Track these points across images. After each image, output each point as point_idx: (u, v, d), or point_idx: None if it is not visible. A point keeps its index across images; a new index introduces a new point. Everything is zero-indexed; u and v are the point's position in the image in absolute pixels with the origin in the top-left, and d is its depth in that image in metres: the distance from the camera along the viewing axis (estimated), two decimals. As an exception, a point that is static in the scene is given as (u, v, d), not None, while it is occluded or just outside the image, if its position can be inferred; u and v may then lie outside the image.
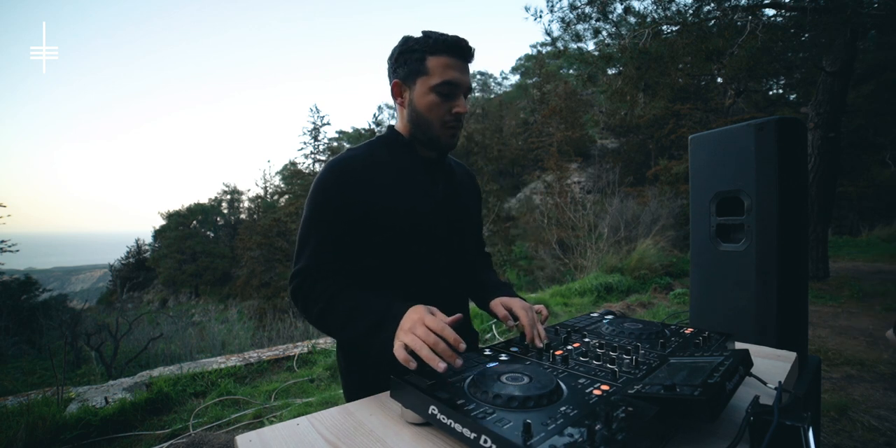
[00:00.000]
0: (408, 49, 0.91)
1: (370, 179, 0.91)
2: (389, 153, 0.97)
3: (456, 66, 0.90)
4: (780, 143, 1.33)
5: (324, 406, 2.73)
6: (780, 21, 6.19)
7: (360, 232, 0.91)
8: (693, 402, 0.49)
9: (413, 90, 0.93)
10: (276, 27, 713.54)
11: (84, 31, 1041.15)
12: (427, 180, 0.99)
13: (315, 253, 0.89)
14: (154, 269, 27.74)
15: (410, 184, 0.96)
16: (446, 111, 0.92)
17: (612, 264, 6.97)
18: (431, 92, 0.90)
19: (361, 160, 0.93)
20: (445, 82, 0.89)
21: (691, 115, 14.46)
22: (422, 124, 0.94)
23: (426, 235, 0.96)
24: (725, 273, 1.47)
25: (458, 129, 0.96)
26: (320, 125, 29.35)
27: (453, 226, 1.02)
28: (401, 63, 0.93)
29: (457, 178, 1.09)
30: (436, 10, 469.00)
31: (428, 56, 0.89)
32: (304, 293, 0.88)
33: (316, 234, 0.90)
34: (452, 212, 1.02)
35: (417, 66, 0.90)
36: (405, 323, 0.74)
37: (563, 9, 6.73)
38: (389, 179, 0.93)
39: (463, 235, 1.06)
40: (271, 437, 0.60)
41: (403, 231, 0.93)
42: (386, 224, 0.91)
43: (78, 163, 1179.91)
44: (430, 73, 0.89)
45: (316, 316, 0.87)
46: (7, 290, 13.70)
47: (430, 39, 0.90)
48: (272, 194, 32.07)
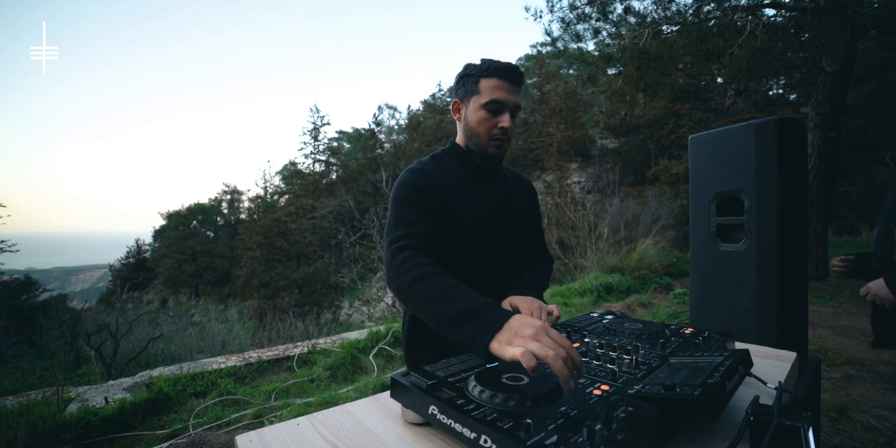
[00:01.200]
0: (466, 74, 1.08)
1: (437, 186, 1.05)
2: (451, 163, 1.13)
3: (504, 88, 1.03)
4: (780, 143, 1.33)
5: (324, 406, 2.73)
6: (780, 21, 6.18)
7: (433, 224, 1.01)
8: (693, 402, 0.49)
9: (468, 108, 1.08)
10: (276, 27, 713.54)
11: (84, 31, 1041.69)
12: (482, 187, 1.12)
13: (413, 224, 0.98)
14: (154, 269, 27.73)
15: (467, 190, 1.09)
16: (493, 125, 1.05)
17: (612, 264, 6.97)
18: (481, 109, 1.04)
19: (431, 169, 1.08)
20: (493, 101, 1.03)
21: (691, 115, 14.45)
22: (473, 137, 1.08)
23: (480, 238, 1.07)
24: (725, 273, 1.47)
25: (503, 142, 1.08)
26: (320, 125, 29.36)
27: (505, 229, 1.13)
28: (460, 85, 1.10)
29: (510, 184, 1.21)
30: (436, 10, 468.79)
31: (481, 79, 1.04)
32: (407, 256, 0.90)
33: (405, 210, 1.00)
34: (504, 216, 1.13)
35: (472, 88, 1.06)
36: (523, 328, 0.68)
37: (563, 9, 6.73)
38: (451, 186, 1.07)
39: (515, 238, 1.16)
40: (271, 437, 0.60)
41: (459, 232, 1.04)
42: (446, 225, 1.03)
43: (78, 163, 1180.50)
44: (481, 92, 1.04)
45: (409, 281, 0.87)
46: (7, 290, 13.70)
47: (484, 65, 1.05)
48: (272, 194, 32.08)
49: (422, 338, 1.10)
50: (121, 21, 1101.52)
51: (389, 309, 8.83)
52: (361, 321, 9.72)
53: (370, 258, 12.60)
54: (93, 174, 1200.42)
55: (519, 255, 1.18)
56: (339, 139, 34.97)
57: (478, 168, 1.13)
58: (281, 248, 19.93)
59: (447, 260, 1.00)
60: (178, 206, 29.77)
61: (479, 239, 1.07)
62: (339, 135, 35.57)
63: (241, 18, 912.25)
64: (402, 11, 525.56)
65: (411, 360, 1.14)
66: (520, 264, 1.18)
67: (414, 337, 1.12)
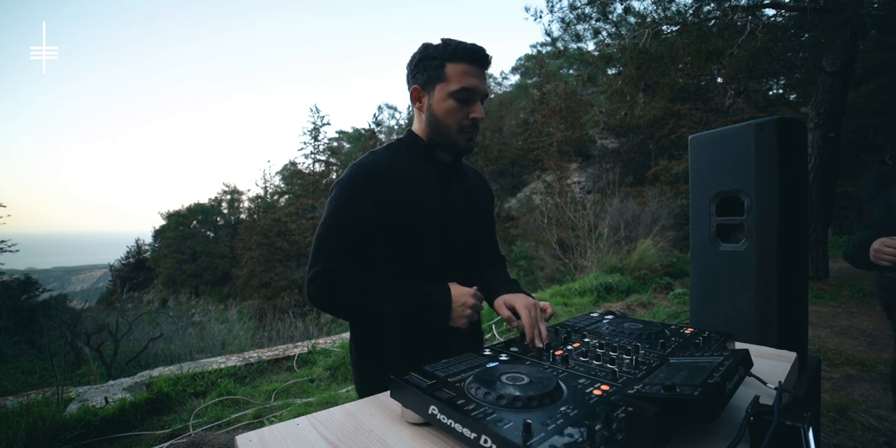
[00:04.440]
0: (427, 56, 0.95)
1: (390, 182, 0.94)
2: (409, 156, 1.01)
3: (474, 73, 0.94)
4: (780, 143, 1.33)
5: (324, 406, 2.73)
6: (780, 21, 6.19)
7: (378, 232, 0.94)
8: (693, 402, 0.49)
9: (432, 96, 0.96)
10: (276, 27, 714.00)
11: (84, 31, 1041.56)
12: (443, 183, 1.03)
13: (334, 254, 0.92)
14: (154, 269, 27.74)
15: (426, 186, 0.99)
16: (464, 116, 0.95)
17: (612, 264, 6.97)
18: (450, 98, 0.93)
19: (384, 164, 0.97)
20: (463, 89, 0.92)
21: (691, 115, 14.45)
22: (440, 129, 0.97)
23: (439, 236, 0.99)
24: (725, 273, 1.47)
25: (474, 134, 1.00)
26: (320, 125, 29.36)
27: (465, 227, 1.05)
28: (420, 69, 0.96)
29: (469, 180, 1.13)
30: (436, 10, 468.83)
31: (447, 63, 0.93)
32: (329, 289, 0.91)
33: (336, 234, 0.93)
34: (465, 213, 1.06)
35: (437, 73, 0.94)
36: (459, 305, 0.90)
37: (563, 9, 6.73)
38: (408, 181, 0.97)
39: (475, 236, 1.10)
40: (271, 437, 0.60)
41: (417, 231, 0.96)
42: (401, 224, 0.95)
43: (78, 163, 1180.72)
44: (448, 79, 0.93)
45: (347, 303, 0.91)
46: (7, 290, 13.68)
47: (450, 47, 0.93)
48: (272, 194, 32.08)
49: (370, 358, 1.03)
50: (121, 21, 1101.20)
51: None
52: (361, 321, 9.69)
53: (370, 258, 12.50)
54: (93, 174, 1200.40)
55: (475, 252, 1.11)
56: (339, 139, 34.97)
57: (439, 162, 1.03)
58: (281, 248, 19.94)
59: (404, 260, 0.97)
60: (178, 206, 29.80)
61: (439, 236, 0.99)
62: (339, 135, 35.58)
63: (241, 18, 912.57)
64: (403, 11, 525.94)
65: (362, 383, 1.04)
66: (476, 261, 1.12)
67: (364, 359, 1.04)
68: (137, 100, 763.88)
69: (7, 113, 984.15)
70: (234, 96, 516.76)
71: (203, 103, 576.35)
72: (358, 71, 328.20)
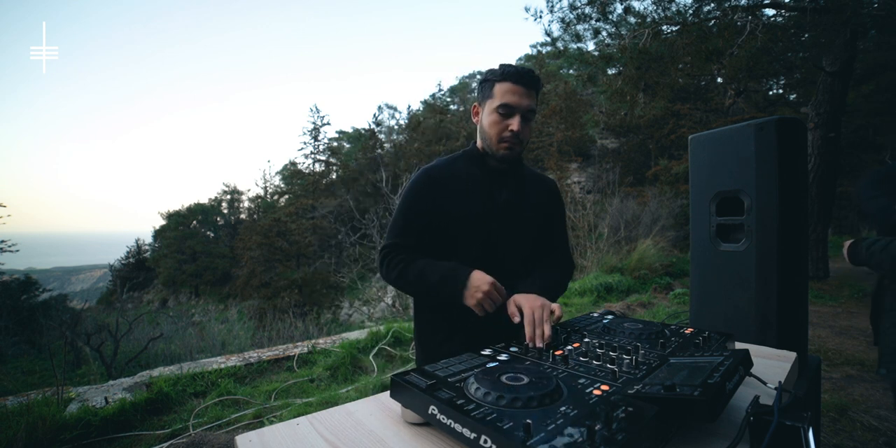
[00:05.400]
0: (485, 79, 1.12)
1: (447, 185, 1.12)
2: (466, 163, 1.18)
3: (516, 92, 1.07)
4: (780, 143, 1.33)
5: (324, 406, 2.73)
6: (780, 21, 6.19)
7: (432, 224, 1.11)
8: (693, 402, 0.49)
9: (483, 111, 1.14)
10: (277, 27, 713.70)
11: (84, 31, 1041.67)
12: (491, 187, 1.15)
13: (401, 233, 1.12)
14: (154, 269, 27.71)
15: (474, 190, 1.13)
16: (503, 128, 1.09)
17: (612, 264, 6.97)
18: (494, 112, 1.09)
19: (445, 169, 1.16)
20: (504, 104, 1.07)
21: (691, 115, 14.45)
22: (486, 139, 1.13)
23: (479, 234, 1.12)
24: (725, 273, 1.47)
25: (513, 144, 1.11)
26: (320, 125, 29.33)
27: (509, 228, 1.15)
28: (479, 90, 1.15)
29: (527, 186, 1.23)
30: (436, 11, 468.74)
31: (496, 83, 1.09)
32: (390, 259, 1.09)
33: (404, 220, 1.12)
34: (511, 217, 1.16)
35: (488, 92, 1.11)
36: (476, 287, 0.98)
37: (563, 9, 6.73)
38: (460, 185, 1.13)
39: (519, 237, 1.18)
40: (271, 437, 0.60)
41: (460, 228, 1.10)
42: (448, 221, 1.10)
43: (78, 163, 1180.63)
44: (494, 96, 1.09)
45: (396, 275, 1.07)
46: (7, 290, 13.69)
47: (500, 70, 1.09)
48: (272, 194, 32.06)
49: (431, 337, 1.18)
50: (121, 21, 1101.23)
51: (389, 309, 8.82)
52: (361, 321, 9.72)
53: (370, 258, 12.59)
54: (93, 174, 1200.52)
55: (521, 254, 1.18)
56: (339, 139, 34.96)
57: (491, 168, 1.17)
58: (281, 248, 19.92)
59: (445, 254, 1.10)
60: (178, 206, 29.73)
61: (476, 236, 1.11)
62: (339, 135, 35.57)
63: (241, 18, 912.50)
64: (403, 12, 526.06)
65: (423, 357, 1.21)
66: (523, 263, 1.19)
67: (422, 338, 1.21)
68: (137, 100, 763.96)
69: (7, 113, 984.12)
70: (234, 96, 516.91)
71: (203, 103, 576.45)
72: (358, 71, 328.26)
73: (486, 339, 0.90)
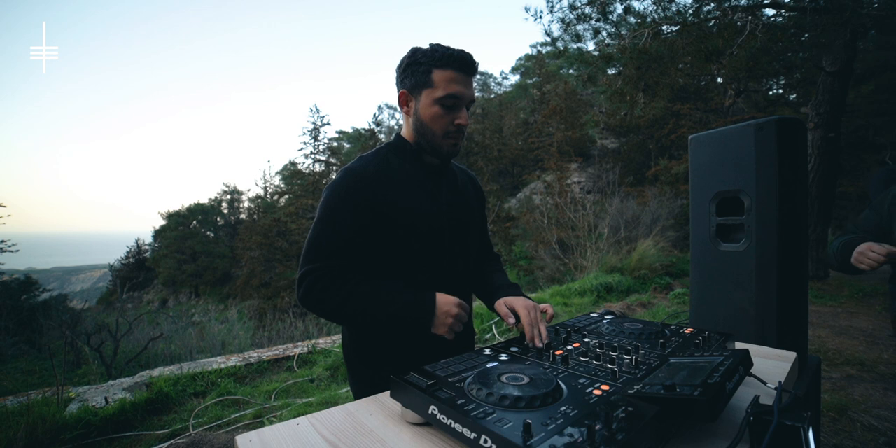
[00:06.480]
0: (415, 61, 0.96)
1: (380, 185, 0.96)
2: (397, 160, 1.02)
3: (460, 80, 0.95)
4: (780, 143, 1.33)
5: (324, 406, 2.73)
6: (780, 21, 6.18)
7: (370, 234, 0.95)
8: (693, 402, 0.49)
9: (418, 101, 0.97)
10: (277, 28, 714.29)
11: (84, 31, 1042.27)
12: (431, 185, 1.04)
13: (327, 254, 0.93)
14: (154, 269, 27.71)
15: (416, 189, 1.01)
16: (449, 122, 0.96)
17: (612, 264, 6.97)
18: (435, 104, 0.95)
19: (373, 167, 0.98)
20: (449, 95, 0.94)
21: (691, 115, 14.44)
22: (426, 133, 0.99)
23: (430, 238, 1.00)
24: (725, 273, 1.47)
25: (459, 139, 1.00)
26: (320, 125, 29.31)
27: (456, 228, 1.06)
28: (408, 74, 0.97)
29: (459, 182, 1.14)
30: (436, 11, 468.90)
31: (434, 69, 0.94)
32: (320, 288, 0.91)
33: (328, 235, 0.94)
34: (455, 215, 1.07)
35: (423, 79, 0.95)
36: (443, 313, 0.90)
37: (563, 9, 6.72)
38: (397, 185, 0.98)
39: (466, 237, 1.11)
40: (271, 437, 0.60)
41: (409, 233, 0.97)
42: (393, 226, 0.95)
43: (78, 162, 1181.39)
44: (434, 85, 0.94)
45: (333, 307, 0.91)
46: (7, 290, 13.69)
47: (437, 53, 0.94)
48: (272, 194, 32.05)
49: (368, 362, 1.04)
50: (121, 21, 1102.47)
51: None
52: (361, 321, 9.68)
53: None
54: (93, 174, 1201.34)
55: (470, 253, 1.13)
56: (339, 139, 34.98)
57: (427, 165, 1.05)
58: (281, 248, 19.92)
59: (395, 261, 0.98)
60: (178, 206, 29.73)
61: (429, 237, 1.00)
62: (339, 135, 35.58)
63: (241, 19, 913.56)
64: (403, 12, 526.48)
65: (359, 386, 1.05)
66: (471, 262, 1.13)
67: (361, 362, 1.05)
68: (137, 100, 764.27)
69: (7, 113, 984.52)
70: (235, 96, 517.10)
71: (203, 103, 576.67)
72: (358, 71, 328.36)
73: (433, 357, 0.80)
